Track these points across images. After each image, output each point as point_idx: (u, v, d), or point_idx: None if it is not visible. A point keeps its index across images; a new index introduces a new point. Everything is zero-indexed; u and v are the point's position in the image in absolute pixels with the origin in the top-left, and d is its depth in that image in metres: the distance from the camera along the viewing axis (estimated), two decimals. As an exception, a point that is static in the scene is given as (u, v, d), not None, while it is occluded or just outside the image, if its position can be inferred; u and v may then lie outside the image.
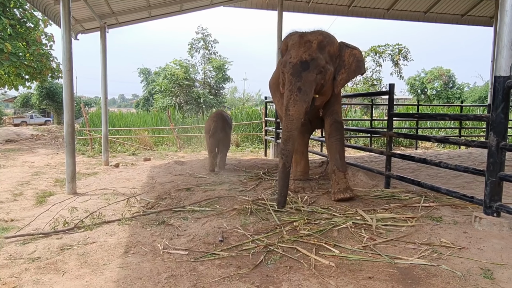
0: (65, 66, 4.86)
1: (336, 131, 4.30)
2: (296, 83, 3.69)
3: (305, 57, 3.74)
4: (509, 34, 2.78)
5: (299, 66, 3.71)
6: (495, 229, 2.88)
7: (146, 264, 2.55)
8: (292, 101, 3.67)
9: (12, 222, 3.79)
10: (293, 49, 3.85)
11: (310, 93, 3.74)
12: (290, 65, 3.76)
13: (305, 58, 3.74)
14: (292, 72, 3.72)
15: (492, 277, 2.32)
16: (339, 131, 4.31)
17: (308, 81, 3.70)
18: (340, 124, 4.38)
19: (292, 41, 3.93)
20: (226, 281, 2.33)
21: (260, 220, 3.42)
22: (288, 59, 3.81)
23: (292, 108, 3.67)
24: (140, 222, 3.48)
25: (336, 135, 4.27)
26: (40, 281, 2.35)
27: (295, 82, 3.69)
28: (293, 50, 3.84)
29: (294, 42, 3.91)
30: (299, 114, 3.69)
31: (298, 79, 3.69)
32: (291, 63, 3.76)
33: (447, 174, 5.46)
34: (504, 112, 2.83)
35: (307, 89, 3.70)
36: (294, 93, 3.67)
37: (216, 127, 5.82)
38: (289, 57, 3.81)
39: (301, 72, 3.70)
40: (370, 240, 2.94)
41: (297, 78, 3.70)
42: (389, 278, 2.36)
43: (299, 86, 3.68)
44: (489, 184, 2.96)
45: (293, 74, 3.71)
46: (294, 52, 3.81)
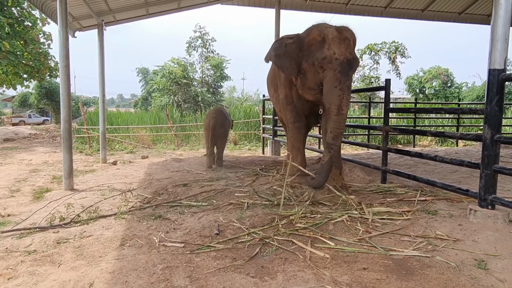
0: (61, 63, 4.87)
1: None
2: (346, 82, 3.65)
3: (348, 56, 3.71)
4: (503, 28, 2.79)
5: (346, 65, 3.67)
6: (489, 221, 2.89)
7: (142, 256, 2.56)
8: (345, 100, 3.65)
9: (9, 217, 3.80)
10: (334, 45, 3.72)
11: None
12: (337, 62, 3.66)
13: (349, 57, 3.70)
14: (340, 70, 3.65)
15: (486, 268, 2.33)
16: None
17: (351, 81, 3.75)
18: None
19: (332, 35, 3.78)
20: (221, 272, 2.34)
21: (256, 214, 3.43)
22: (332, 55, 3.68)
23: (345, 108, 3.66)
24: (137, 216, 3.49)
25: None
26: (35, 273, 2.35)
27: (345, 81, 3.64)
28: (334, 46, 3.72)
29: (333, 37, 3.77)
30: (347, 113, 3.73)
31: (347, 78, 3.67)
32: (338, 60, 3.66)
33: (444, 169, 5.48)
34: (499, 104, 2.85)
35: (351, 88, 3.75)
36: (346, 93, 3.65)
37: (215, 124, 5.83)
38: (333, 53, 3.68)
39: (348, 71, 3.69)
40: (365, 233, 2.95)
41: (346, 77, 3.66)
42: (383, 269, 2.37)
43: (348, 85, 3.66)
44: (484, 176, 2.97)
45: (342, 72, 3.65)
46: (336, 48, 3.70)
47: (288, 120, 4.75)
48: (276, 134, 8.37)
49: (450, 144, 11.55)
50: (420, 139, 11.99)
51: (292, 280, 2.23)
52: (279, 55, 4.14)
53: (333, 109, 3.65)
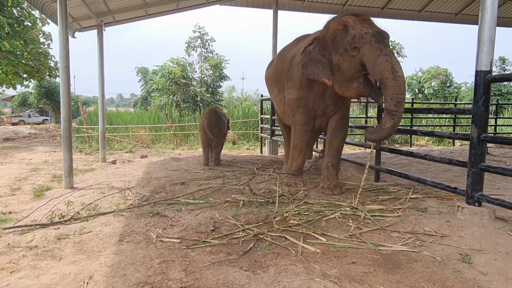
0: (62, 63, 4.95)
1: (342, 127, 4.27)
2: (387, 48, 3.40)
3: (376, 29, 3.54)
4: (489, 31, 2.89)
5: (379, 35, 3.47)
6: (476, 218, 2.99)
7: (140, 251, 2.65)
8: (396, 62, 3.32)
9: (10, 214, 3.89)
10: (357, 25, 3.56)
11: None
12: (368, 34, 3.45)
13: (377, 30, 3.54)
14: (375, 40, 3.41)
15: (469, 262, 2.43)
16: (344, 129, 4.30)
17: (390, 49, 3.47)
18: (346, 121, 4.36)
19: (351, 19, 3.63)
20: (216, 265, 2.43)
21: (251, 211, 3.52)
22: (361, 31, 3.49)
23: (400, 70, 3.29)
24: (135, 213, 3.58)
25: (340, 132, 4.26)
26: (37, 266, 2.45)
27: (385, 47, 3.39)
28: (358, 25, 3.55)
29: (353, 20, 3.62)
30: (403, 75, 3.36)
31: (386, 45, 3.44)
32: (368, 33, 3.46)
33: (437, 168, 5.58)
34: (485, 105, 2.94)
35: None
36: (393, 56, 3.36)
37: (209, 123, 5.93)
38: (360, 29, 3.50)
39: (383, 40, 3.47)
40: (357, 229, 3.05)
41: (385, 45, 3.43)
42: (371, 263, 2.47)
43: (391, 50, 3.41)
44: (471, 174, 3.07)
45: (379, 41, 3.41)
46: (361, 26, 3.54)
47: (296, 122, 4.48)
48: (273, 133, 8.46)
49: (447, 143, 11.65)
50: (417, 139, 12.10)
51: (283, 273, 2.32)
52: (305, 65, 3.92)
53: (388, 75, 3.26)
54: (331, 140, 4.26)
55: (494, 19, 2.90)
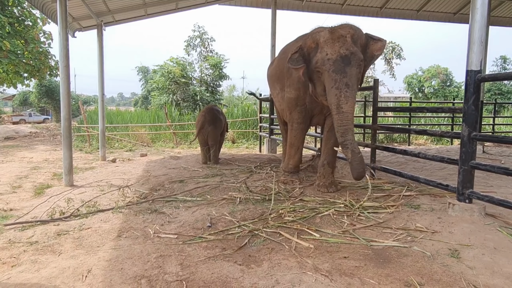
0: (62, 62, 5.02)
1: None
2: (343, 79, 3.51)
3: (344, 53, 3.56)
4: (479, 31, 2.95)
5: (341, 62, 3.54)
6: (466, 214, 3.05)
7: (137, 246, 2.72)
8: (343, 98, 3.49)
9: (11, 211, 3.96)
10: (326, 46, 3.66)
11: (356, 89, 3.61)
12: (329, 62, 3.57)
13: (344, 53, 3.56)
14: (334, 69, 3.54)
15: (458, 256, 2.49)
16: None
17: (352, 76, 3.56)
18: None
19: (323, 38, 3.72)
20: (211, 260, 2.50)
21: (247, 208, 3.59)
22: (324, 57, 3.62)
23: (345, 105, 3.48)
24: (134, 210, 3.65)
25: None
26: (37, 261, 2.52)
27: (341, 78, 3.51)
28: (327, 47, 3.64)
29: (325, 39, 3.70)
30: (352, 109, 3.56)
31: (343, 75, 3.52)
32: (330, 60, 3.57)
33: (433, 167, 5.64)
34: (475, 104, 3.00)
35: (353, 84, 3.56)
36: (343, 90, 3.49)
37: (205, 122, 5.99)
38: (325, 54, 3.62)
39: (344, 68, 3.54)
40: (350, 226, 3.12)
41: (342, 74, 3.52)
42: (363, 257, 2.53)
43: (346, 82, 3.51)
44: (462, 172, 3.13)
45: (336, 71, 3.53)
46: (329, 49, 3.62)
47: (293, 120, 4.64)
48: (272, 132, 8.52)
49: (446, 142, 11.71)
50: (416, 138, 12.15)
51: (276, 268, 2.39)
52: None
53: (333, 109, 3.55)
54: (328, 139, 4.34)
55: (484, 20, 2.96)
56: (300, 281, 2.20)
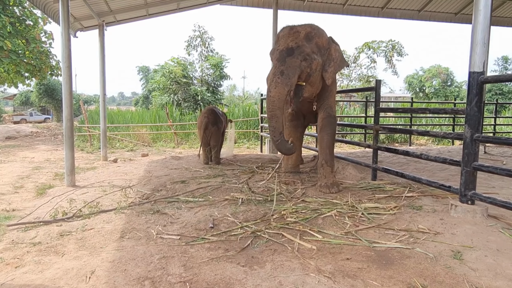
0: (64, 63, 5.02)
1: (328, 125, 4.43)
2: (280, 67, 3.83)
3: (291, 45, 3.91)
4: (482, 33, 2.95)
5: (285, 52, 3.88)
6: (469, 216, 3.06)
7: (140, 247, 2.73)
8: (273, 83, 3.79)
9: (14, 211, 3.97)
10: (282, 39, 4.05)
11: (292, 77, 3.80)
12: (277, 52, 3.95)
13: (290, 46, 3.91)
14: (277, 57, 3.90)
15: (461, 258, 2.50)
16: (331, 126, 4.44)
17: (291, 66, 3.81)
18: (333, 119, 4.49)
19: (283, 33, 4.14)
20: (214, 261, 2.51)
21: (249, 209, 3.59)
22: (276, 47, 4.04)
23: (273, 90, 3.77)
24: (136, 211, 3.66)
25: (328, 130, 4.41)
26: (41, 262, 2.53)
27: (279, 66, 3.84)
28: (282, 40, 4.04)
29: (284, 33, 4.11)
30: (279, 95, 3.77)
31: (282, 63, 3.85)
32: (277, 50, 3.96)
33: (434, 167, 5.64)
34: (478, 105, 3.00)
35: (289, 73, 3.79)
36: (276, 76, 3.80)
37: (207, 122, 6.00)
38: (278, 45, 4.03)
39: (285, 58, 3.86)
40: (352, 227, 3.12)
41: (281, 62, 3.85)
42: (365, 259, 2.54)
43: (282, 70, 3.81)
44: (464, 173, 3.13)
45: (278, 60, 3.88)
46: (283, 41, 4.02)
47: (285, 119, 4.86)
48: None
49: (447, 143, 11.70)
50: (417, 138, 12.16)
51: (279, 269, 2.40)
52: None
53: (267, 93, 3.91)
54: (321, 139, 4.44)
55: (487, 22, 2.96)
56: (303, 283, 2.21)
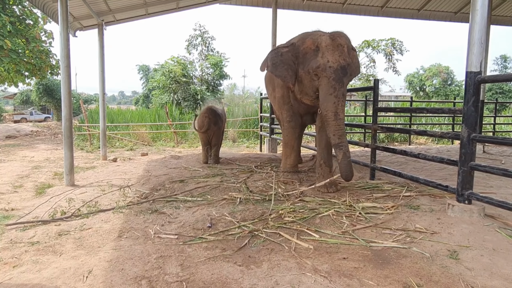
0: (63, 63, 5.03)
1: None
2: (341, 89, 3.78)
3: (342, 63, 3.82)
4: (479, 33, 2.95)
5: (340, 72, 3.79)
6: (466, 215, 3.06)
7: (138, 247, 2.74)
8: (340, 107, 3.78)
9: (13, 211, 3.98)
10: (328, 52, 3.85)
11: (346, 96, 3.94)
12: (331, 69, 3.78)
13: (343, 64, 3.82)
14: (334, 77, 3.77)
15: (457, 258, 2.51)
16: None
17: (346, 86, 3.90)
18: None
19: (325, 43, 3.90)
20: (211, 261, 2.52)
21: (247, 209, 3.60)
22: (326, 63, 3.81)
23: (342, 113, 3.78)
24: (134, 210, 3.67)
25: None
26: (38, 261, 2.54)
27: (339, 88, 3.78)
28: (328, 54, 3.84)
29: (327, 44, 3.89)
30: (344, 115, 3.86)
31: (341, 85, 3.79)
32: (331, 68, 3.79)
33: (433, 167, 5.65)
34: (475, 105, 3.01)
35: (345, 94, 3.93)
36: (341, 100, 3.78)
37: (210, 122, 6.01)
38: (327, 60, 3.81)
39: (342, 78, 3.80)
40: (350, 226, 3.13)
41: (340, 84, 3.79)
42: (362, 258, 2.55)
43: (343, 92, 3.81)
44: (461, 173, 3.14)
45: (336, 80, 3.77)
46: (330, 56, 3.83)
47: (284, 120, 4.94)
48: (273, 132, 8.53)
49: (446, 142, 11.70)
50: (416, 138, 12.15)
51: (276, 268, 2.41)
52: (276, 64, 4.23)
53: (330, 116, 3.78)
54: (320, 139, 4.45)
55: (484, 22, 2.96)
56: (299, 282, 2.22)
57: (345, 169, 3.75)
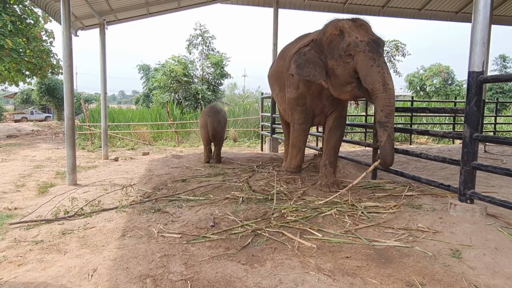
0: (65, 62, 5.04)
1: (338, 126, 4.40)
2: (381, 58, 3.51)
3: (371, 37, 3.62)
4: (482, 32, 2.96)
5: (373, 44, 3.56)
6: (468, 215, 3.08)
7: (142, 246, 2.75)
8: (387, 74, 3.43)
9: (16, 210, 4.00)
10: (353, 31, 3.66)
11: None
12: (363, 43, 3.54)
13: (372, 37, 3.62)
14: (369, 49, 3.51)
15: (459, 257, 2.52)
16: (341, 127, 4.42)
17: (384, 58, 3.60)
18: (344, 120, 4.49)
19: (348, 25, 3.73)
20: (215, 260, 2.53)
21: (250, 208, 3.62)
22: (356, 39, 3.58)
23: (390, 82, 3.43)
24: (137, 209, 3.68)
25: (337, 131, 4.39)
26: (43, 260, 2.55)
27: (379, 57, 3.49)
28: (354, 32, 3.65)
29: (350, 26, 3.72)
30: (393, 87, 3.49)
31: (379, 55, 3.52)
32: (363, 42, 3.55)
33: (434, 166, 5.66)
34: (477, 105, 3.02)
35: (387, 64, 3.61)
36: (385, 67, 3.46)
37: (213, 122, 6.02)
38: (355, 37, 3.60)
39: (378, 49, 3.56)
40: (352, 225, 3.14)
41: (378, 54, 3.52)
42: (365, 257, 2.56)
43: (383, 60, 3.53)
44: (464, 173, 3.15)
45: (372, 51, 3.51)
46: (357, 33, 3.63)
47: (295, 121, 4.64)
48: (274, 131, 8.54)
49: (447, 141, 11.71)
50: (417, 137, 12.17)
51: (279, 267, 2.42)
52: (301, 65, 3.97)
53: (379, 87, 3.40)
54: (329, 139, 4.38)
55: (487, 21, 2.97)
56: (303, 281, 2.23)
57: (388, 153, 3.44)
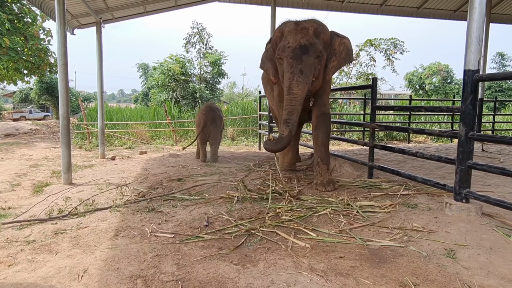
0: (60, 60, 5.01)
1: (323, 123, 4.44)
2: (297, 65, 3.83)
3: (303, 42, 3.90)
4: (477, 31, 2.94)
5: (299, 50, 3.87)
6: (463, 214, 3.06)
7: (134, 246, 2.73)
8: (295, 81, 3.81)
9: (10, 209, 3.97)
10: (290, 35, 3.99)
11: (310, 76, 3.92)
12: (289, 49, 3.90)
13: (303, 43, 3.90)
14: (292, 55, 3.86)
15: (454, 257, 2.50)
16: (325, 123, 4.45)
17: (308, 64, 3.87)
18: (327, 116, 4.51)
19: (288, 28, 4.07)
20: (207, 260, 2.51)
21: (245, 207, 3.59)
22: (286, 44, 3.95)
23: (296, 88, 3.80)
24: (131, 209, 3.66)
25: (322, 128, 4.43)
26: (34, 260, 2.53)
27: (296, 64, 3.83)
28: (290, 36, 3.98)
29: (290, 29, 4.04)
30: (302, 93, 3.83)
31: (299, 61, 3.83)
32: (290, 48, 3.90)
33: (431, 165, 5.64)
34: (472, 103, 3.00)
35: (307, 72, 3.87)
36: (296, 75, 3.81)
37: (206, 120, 5.99)
38: (287, 42, 3.95)
39: (301, 56, 3.85)
40: (347, 225, 3.12)
41: (298, 61, 3.84)
42: (358, 257, 2.54)
43: (300, 68, 3.82)
44: (459, 172, 3.13)
45: (294, 58, 3.86)
46: (292, 38, 3.96)
47: (280, 117, 4.86)
48: (271, 130, 8.51)
49: (445, 140, 11.70)
50: (416, 136, 12.15)
51: (272, 267, 2.40)
52: (262, 60, 4.57)
53: (285, 91, 3.89)
54: (316, 136, 4.45)
55: (482, 19, 2.95)
56: (295, 281, 2.21)
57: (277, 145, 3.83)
